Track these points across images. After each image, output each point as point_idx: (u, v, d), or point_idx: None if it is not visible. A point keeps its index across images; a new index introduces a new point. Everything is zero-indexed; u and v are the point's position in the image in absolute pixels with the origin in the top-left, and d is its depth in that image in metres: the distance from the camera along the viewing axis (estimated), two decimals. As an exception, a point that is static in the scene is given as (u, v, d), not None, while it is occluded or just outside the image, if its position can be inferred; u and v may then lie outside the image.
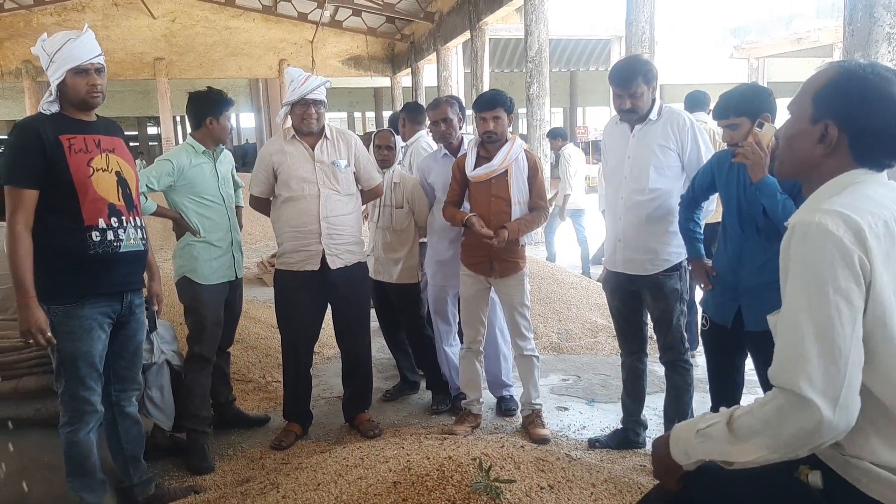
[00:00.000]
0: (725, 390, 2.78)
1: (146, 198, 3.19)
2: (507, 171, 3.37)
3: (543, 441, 3.33)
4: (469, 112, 4.13)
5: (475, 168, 3.40)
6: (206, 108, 3.37)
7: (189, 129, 3.55)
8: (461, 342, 3.79)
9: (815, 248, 1.29)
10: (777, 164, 1.58)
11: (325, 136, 3.43)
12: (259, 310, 5.69)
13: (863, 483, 1.33)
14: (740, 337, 2.61)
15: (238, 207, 3.65)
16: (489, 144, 3.40)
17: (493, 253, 3.37)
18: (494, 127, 3.36)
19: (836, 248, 1.27)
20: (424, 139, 4.43)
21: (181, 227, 3.33)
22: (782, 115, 2.33)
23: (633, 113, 2.98)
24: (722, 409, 1.41)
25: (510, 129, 3.46)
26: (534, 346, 3.56)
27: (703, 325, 2.79)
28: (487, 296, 3.55)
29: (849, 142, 1.39)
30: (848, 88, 1.38)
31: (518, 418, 3.70)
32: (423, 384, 4.15)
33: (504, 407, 3.83)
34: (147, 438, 2.97)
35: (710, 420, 1.40)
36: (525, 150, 3.45)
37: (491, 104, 3.36)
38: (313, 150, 3.40)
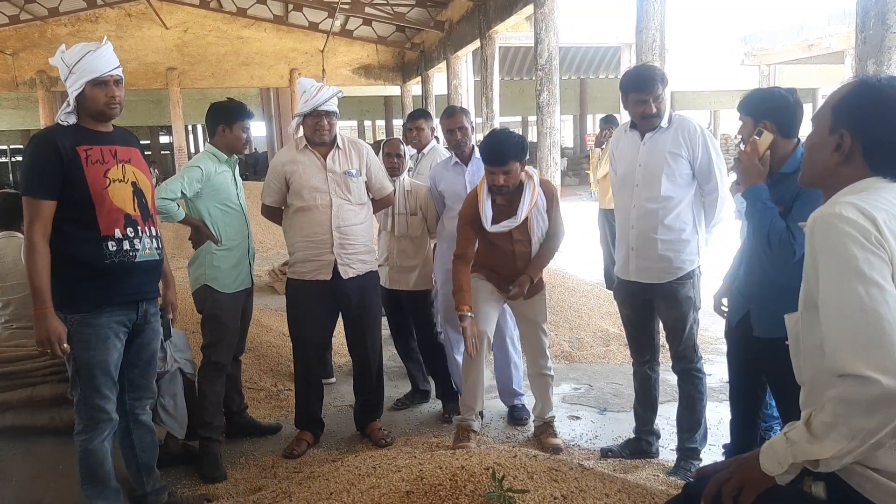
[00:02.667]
0: (744, 399, 2.76)
1: (178, 205, 3.22)
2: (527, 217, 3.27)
3: (556, 450, 3.31)
4: (479, 120, 4.13)
5: (494, 222, 3.23)
6: (220, 116, 3.42)
7: (206, 138, 3.58)
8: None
9: (836, 234, 1.33)
10: (800, 173, 1.64)
11: (337, 145, 3.45)
12: (270, 318, 5.70)
13: (867, 490, 1.35)
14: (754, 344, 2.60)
15: None
16: (498, 196, 3.25)
17: (513, 279, 3.32)
18: (505, 181, 3.15)
19: (854, 230, 1.31)
20: (438, 148, 4.45)
21: (202, 235, 3.34)
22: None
23: (656, 117, 2.97)
24: (805, 412, 1.41)
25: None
26: (551, 364, 3.53)
27: (726, 330, 2.78)
28: (500, 306, 3.51)
29: (863, 151, 1.44)
30: (862, 99, 1.43)
31: (530, 427, 3.69)
32: (433, 393, 4.15)
33: (515, 416, 3.83)
34: (160, 447, 2.99)
35: (794, 424, 1.40)
36: (542, 182, 3.35)
37: (501, 160, 3.09)
38: (325, 159, 3.42)
